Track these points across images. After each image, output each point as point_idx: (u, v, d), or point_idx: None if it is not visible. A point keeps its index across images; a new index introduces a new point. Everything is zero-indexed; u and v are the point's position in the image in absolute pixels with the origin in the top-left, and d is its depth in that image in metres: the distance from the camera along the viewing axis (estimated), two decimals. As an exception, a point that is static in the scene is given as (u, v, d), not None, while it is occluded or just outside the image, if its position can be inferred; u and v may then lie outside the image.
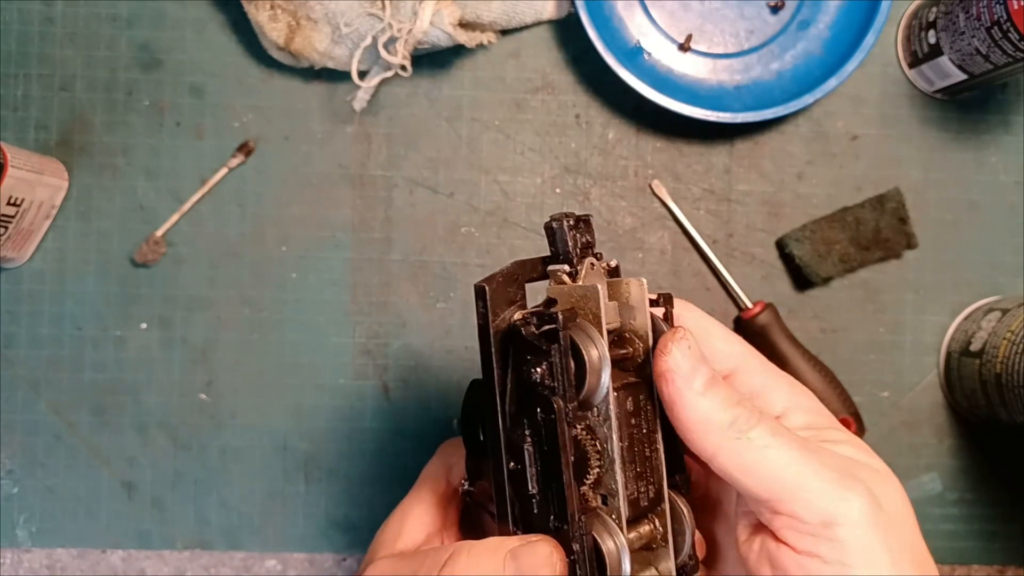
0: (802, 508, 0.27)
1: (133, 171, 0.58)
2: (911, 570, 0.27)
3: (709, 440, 0.28)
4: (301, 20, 0.55)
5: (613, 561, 0.28)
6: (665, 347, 0.29)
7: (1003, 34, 0.50)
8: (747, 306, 0.58)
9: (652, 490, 0.30)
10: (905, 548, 0.27)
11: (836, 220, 0.58)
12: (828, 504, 0.27)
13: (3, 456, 0.57)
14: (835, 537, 0.26)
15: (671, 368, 0.28)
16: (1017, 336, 0.52)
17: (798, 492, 0.27)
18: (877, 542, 0.26)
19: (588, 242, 0.31)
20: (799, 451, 0.27)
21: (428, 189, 0.59)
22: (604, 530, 0.29)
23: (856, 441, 0.30)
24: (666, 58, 0.59)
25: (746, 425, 0.28)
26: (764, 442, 0.27)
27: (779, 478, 0.27)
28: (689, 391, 0.28)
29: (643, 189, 0.59)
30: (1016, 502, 0.59)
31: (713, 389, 0.28)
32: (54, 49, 0.58)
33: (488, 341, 0.29)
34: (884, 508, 0.27)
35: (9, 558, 0.58)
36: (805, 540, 0.27)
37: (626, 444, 0.30)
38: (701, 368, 0.28)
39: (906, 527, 0.28)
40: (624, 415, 0.29)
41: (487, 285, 0.29)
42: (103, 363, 0.58)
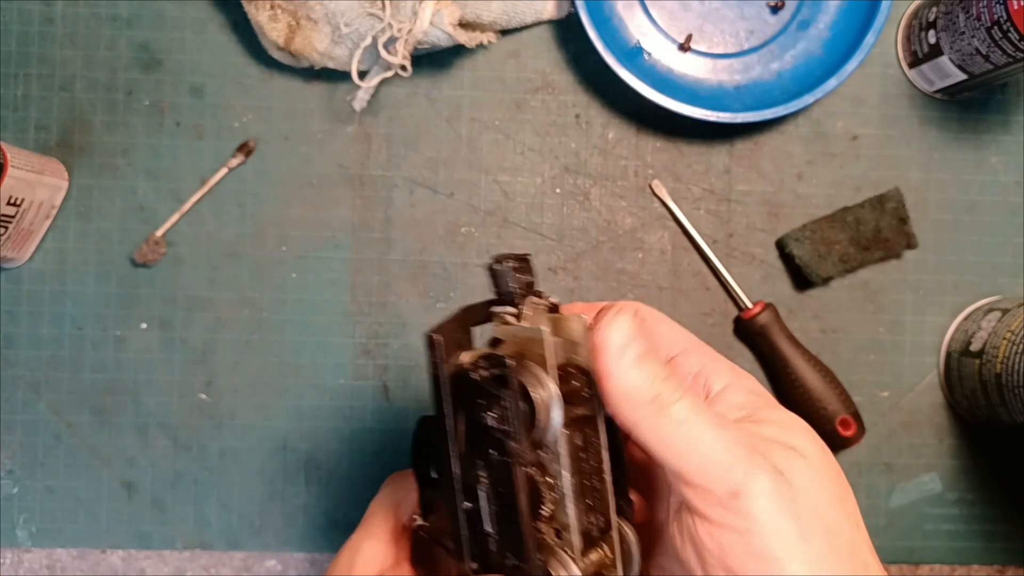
0: (711, 479, 0.28)
1: (133, 171, 0.58)
2: (823, 543, 0.28)
3: (633, 413, 0.29)
4: (301, 20, 0.55)
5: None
6: (598, 321, 0.30)
7: (1003, 34, 0.50)
8: (747, 306, 0.58)
9: (602, 520, 0.31)
10: (817, 522, 0.28)
11: (836, 220, 0.58)
12: (735, 476, 0.28)
13: (3, 456, 0.57)
14: (741, 508, 0.28)
15: (603, 341, 0.30)
16: (1017, 336, 0.52)
17: (708, 464, 0.28)
18: (783, 513, 0.28)
19: (529, 282, 0.32)
20: (714, 427, 0.29)
21: (428, 189, 0.59)
22: (559, 564, 0.30)
23: (790, 421, 0.32)
24: (666, 58, 0.59)
25: (668, 400, 0.29)
26: (682, 416, 0.29)
27: (692, 450, 0.29)
28: (618, 363, 0.29)
29: (643, 189, 0.59)
30: (1016, 502, 0.59)
31: (643, 364, 0.29)
32: (54, 49, 0.58)
33: (439, 389, 0.30)
34: (794, 483, 0.28)
35: (9, 558, 0.58)
36: (715, 510, 0.28)
37: (576, 479, 0.31)
38: (635, 343, 0.30)
39: (820, 503, 0.29)
40: (574, 450, 0.30)
41: (439, 335, 0.30)
42: (103, 363, 0.58)
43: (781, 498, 0.28)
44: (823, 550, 0.28)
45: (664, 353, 0.34)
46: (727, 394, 0.33)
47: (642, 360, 0.30)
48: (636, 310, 0.34)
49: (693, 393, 0.30)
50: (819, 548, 0.28)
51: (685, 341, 0.34)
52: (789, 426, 0.31)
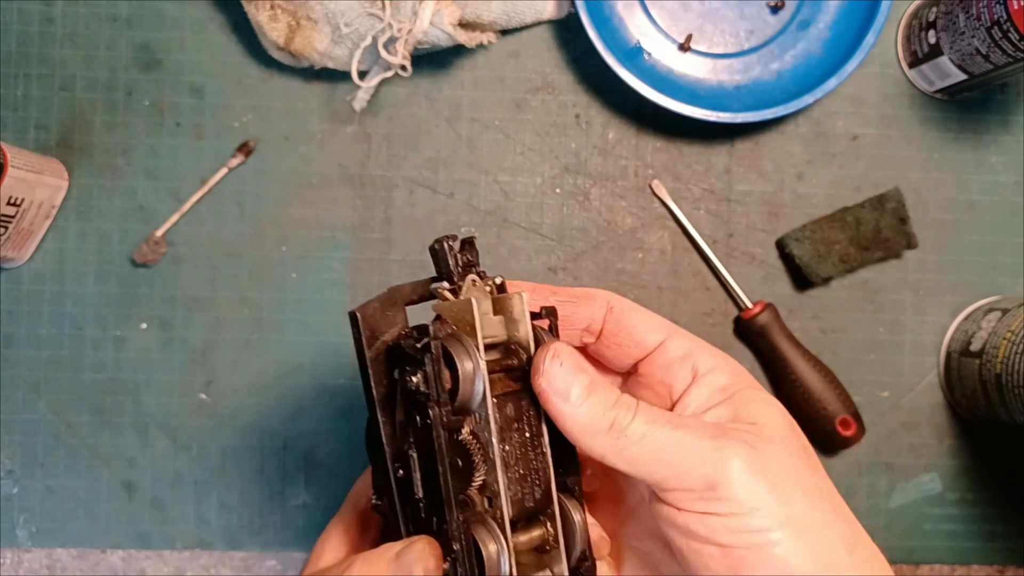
0: (687, 480, 0.30)
1: (133, 171, 0.58)
2: (803, 503, 0.30)
3: (596, 444, 0.31)
4: (301, 20, 0.55)
5: (492, 561, 0.30)
6: (538, 366, 0.31)
7: (1003, 34, 0.50)
8: (747, 306, 0.58)
9: (539, 492, 0.32)
10: (794, 485, 0.30)
11: (836, 220, 0.58)
12: (706, 469, 0.30)
13: (3, 456, 0.57)
14: (721, 496, 0.29)
15: (545, 387, 0.31)
16: (1017, 336, 0.52)
17: (678, 467, 0.30)
18: (760, 486, 0.30)
19: (470, 261, 0.33)
20: (672, 430, 0.30)
21: (428, 189, 0.59)
22: (486, 531, 0.31)
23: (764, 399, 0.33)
24: (666, 58, 0.59)
25: (623, 422, 0.30)
26: (641, 432, 0.30)
27: (660, 460, 0.30)
28: (567, 404, 0.31)
29: (643, 189, 0.59)
30: (1016, 502, 0.59)
31: (591, 397, 0.31)
32: (54, 49, 0.58)
33: (364, 362, 0.32)
34: (765, 454, 0.30)
35: (9, 558, 0.58)
36: (699, 504, 0.30)
37: (508, 448, 0.31)
38: (576, 378, 0.31)
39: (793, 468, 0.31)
40: (505, 420, 0.31)
41: (359, 312, 0.32)
42: (103, 363, 0.58)
43: (755, 473, 0.30)
44: (804, 508, 0.30)
45: (650, 340, 0.35)
46: (713, 376, 0.34)
47: (588, 394, 0.31)
48: (609, 300, 0.36)
49: (645, 406, 0.31)
50: (800, 508, 0.30)
51: (667, 328, 0.36)
52: (763, 402, 0.33)
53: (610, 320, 0.36)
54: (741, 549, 0.29)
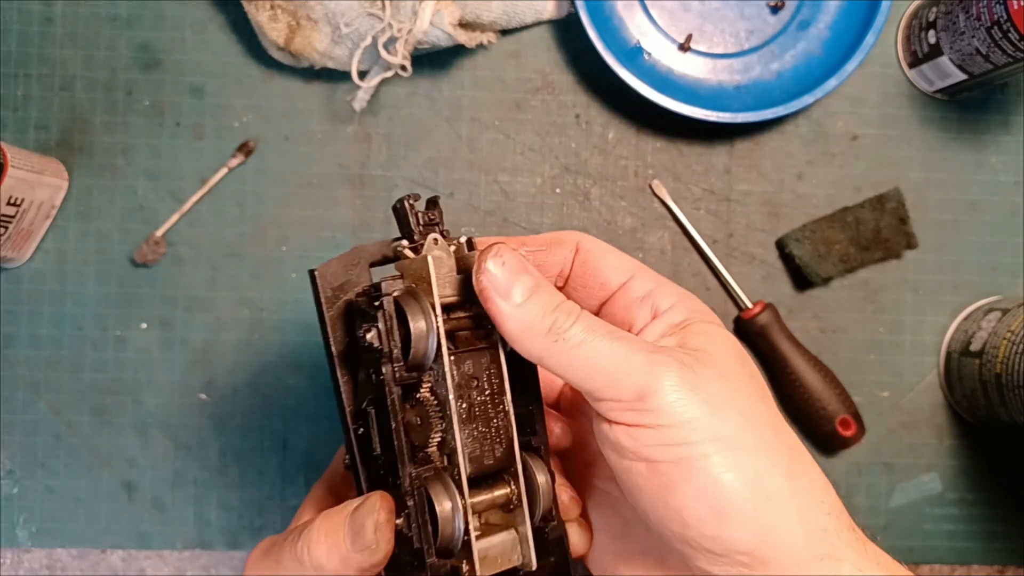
0: (617, 389, 0.29)
1: (133, 171, 0.58)
2: (737, 419, 0.29)
3: (534, 346, 0.30)
4: (301, 20, 0.55)
5: (446, 516, 0.30)
6: (480, 264, 0.31)
7: (1003, 34, 0.50)
8: (747, 306, 0.58)
9: (500, 450, 0.32)
10: (730, 403, 0.29)
11: (836, 220, 0.58)
12: (638, 379, 0.29)
13: (3, 456, 0.57)
14: (650, 406, 0.29)
15: (486, 285, 0.30)
16: (1017, 336, 0.52)
17: (612, 375, 0.29)
18: (691, 400, 0.29)
19: (431, 219, 0.33)
20: (610, 340, 0.30)
21: (428, 189, 0.59)
22: (442, 488, 0.30)
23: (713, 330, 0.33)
24: (666, 58, 0.59)
25: (563, 326, 0.30)
26: (579, 338, 0.30)
27: (595, 367, 0.30)
28: (507, 303, 0.30)
29: (643, 189, 0.59)
30: (1016, 502, 0.59)
31: (532, 298, 0.30)
32: (54, 49, 0.58)
33: (324, 319, 0.33)
34: (701, 374, 0.29)
35: (9, 558, 0.58)
36: (628, 415, 0.29)
37: (467, 406, 0.31)
38: (520, 278, 0.30)
39: (730, 389, 0.30)
40: (464, 378, 0.31)
41: (319, 271, 0.32)
42: (103, 363, 0.58)
43: (688, 388, 0.29)
44: (738, 429, 0.29)
45: (615, 280, 0.35)
46: (671, 313, 0.34)
47: (530, 294, 0.30)
48: (578, 241, 0.36)
49: (586, 314, 0.31)
50: (734, 428, 0.29)
51: (633, 268, 0.35)
52: (714, 334, 0.32)
53: (577, 261, 0.36)
54: (667, 463, 0.29)
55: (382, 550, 0.30)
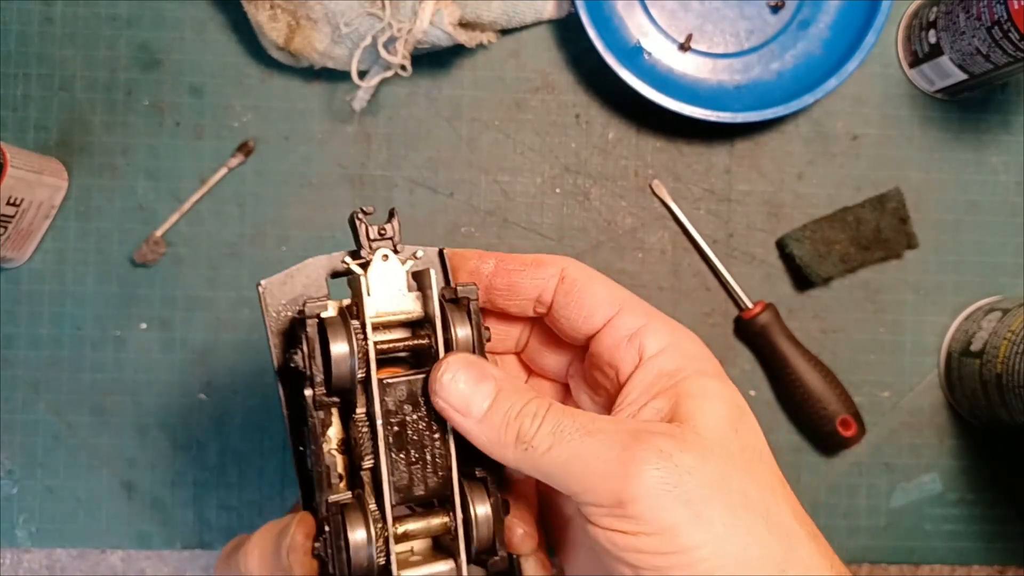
0: (594, 496, 0.27)
1: (133, 171, 0.58)
2: (724, 515, 0.27)
3: (507, 457, 0.29)
4: (301, 20, 0.55)
5: (358, 544, 0.29)
6: (433, 386, 0.30)
7: (1003, 34, 0.50)
8: (747, 306, 0.58)
9: (435, 480, 0.31)
10: (712, 495, 0.27)
11: (836, 220, 0.58)
12: (614, 484, 0.27)
13: (3, 456, 0.57)
14: (629, 513, 0.27)
15: (443, 407, 0.30)
16: (1017, 336, 0.52)
17: (586, 483, 0.27)
18: (672, 503, 0.27)
19: (383, 233, 0.32)
20: (581, 439, 0.28)
21: (428, 189, 0.59)
22: (359, 515, 0.30)
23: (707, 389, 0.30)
24: (666, 58, 0.59)
25: (528, 433, 0.28)
26: (547, 443, 0.28)
27: (568, 471, 0.28)
28: (468, 421, 0.29)
29: (643, 189, 0.59)
30: (1016, 503, 0.59)
31: (493, 409, 0.29)
32: (54, 49, 0.58)
33: (267, 333, 0.32)
34: (682, 465, 0.27)
35: (9, 558, 0.58)
36: (608, 521, 0.27)
37: (397, 431, 0.30)
38: (478, 390, 0.29)
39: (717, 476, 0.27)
40: (397, 403, 0.30)
41: (265, 283, 0.32)
42: (103, 363, 0.58)
43: (669, 488, 0.27)
44: (725, 528, 0.27)
45: (600, 315, 0.33)
46: (661, 358, 0.31)
47: (492, 406, 0.29)
48: (564, 268, 0.33)
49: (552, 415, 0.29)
50: (721, 527, 0.27)
51: (621, 300, 0.33)
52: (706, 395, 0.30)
53: (560, 291, 0.33)
54: (648, 572, 0.27)
55: (295, 573, 0.29)
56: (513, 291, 0.34)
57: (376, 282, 0.32)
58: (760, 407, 0.59)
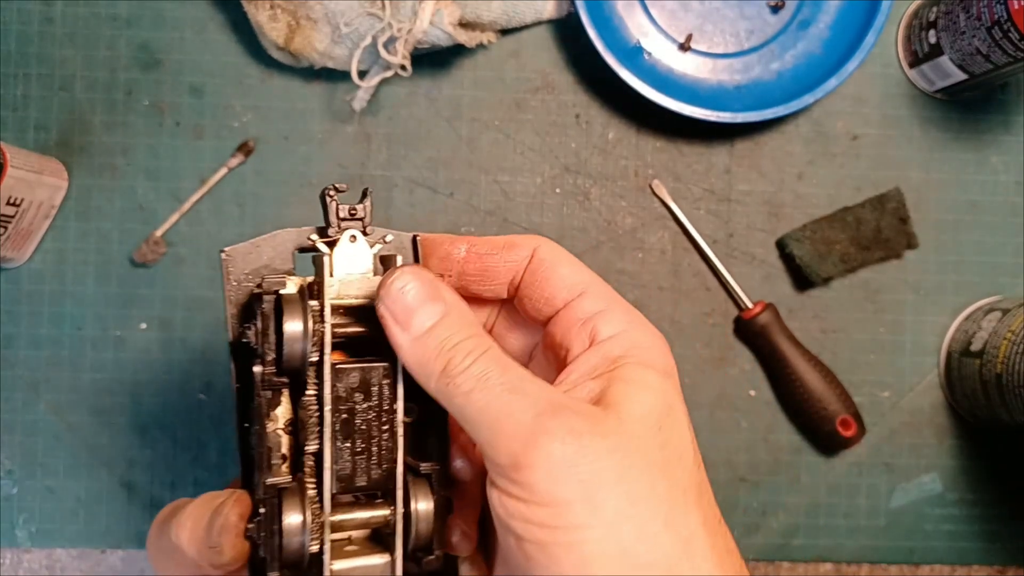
0: (494, 452, 0.27)
1: (133, 171, 0.58)
2: (620, 504, 0.26)
3: (429, 385, 0.28)
4: (301, 20, 0.55)
5: (291, 530, 0.28)
6: (383, 287, 0.29)
7: (1003, 34, 0.50)
8: (747, 306, 0.58)
9: (379, 471, 0.30)
10: (612, 482, 0.26)
11: (836, 220, 0.58)
12: (515, 446, 0.26)
13: (3, 456, 0.57)
14: (522, 479, 0.26)
15: (383, 312, 0.28)
16: (1018, 336, 0.52)
17: (493, 434, 0.27)
18: (568, 478, 0.26)
19: (353, 213, 0.31)
20: (501, 393, 0.27)
21: (428, 189, 0.59)
22: (296, 500, 0.29)
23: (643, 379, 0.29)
24: (666, 58, 0.59)
25: (456, 369, 0.27)
26: (469, 386, 0.27)
27: (479, 422, 0.27)
28: (405, 334, 0.28)
29: (643, 189, 0.59)
30: (1016, 503, 0.59)
31: (432, 331, 0.28)
32: (53, 49, 0.58)
33: (225, 303, 0.31)
34: (590, 447, 0.26)
35: (9, 558, 0.58)
36: (503, 482, 0.27)
37: (345, 418, 0.30)
38: (424, 308, 0.28)
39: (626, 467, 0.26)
40: (348, 389, 0.30)
41: (229, 251, 0.31)
42: (103, 363, 0.58)
43: (568, 465, 0.26)
44: (617, 515, 0.26)
45: (560, 297, 0.32)
46: (610, 344, 0.30)
47: (433, 328, 0.28)
48: (536, 248, 0.33)
49: (486, 358, 0.28)
50: (612, 513, 0.26)
51: (586, 284, 0.32)
52: (641, 384, 0.29)
53: (528, 271, 0.33)
54: (531, 544, 0.26)
55: (226, 553, 0.28)
56: (486, 276, 0.33)
57: (341, 263, 0.31)
58: (760, 407, 0.59)
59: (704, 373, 0.59)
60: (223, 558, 0.28)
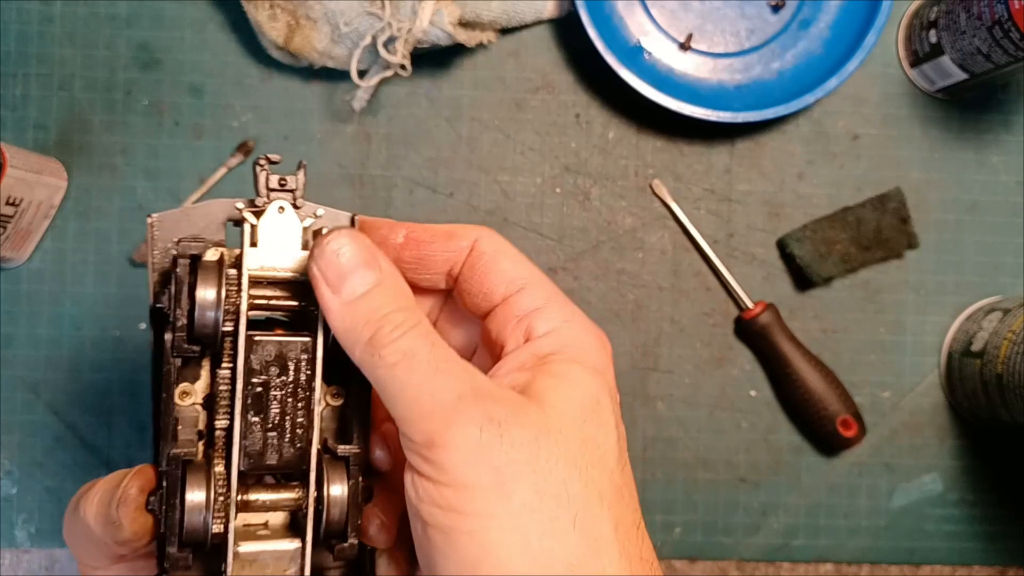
0: (410, 428, 0.26)
1: (132, 171, 0.58)
2: (528, 495, 0.25)
3: (355, 352, 0.27)
4: (300, 19, 0.55)
5: (192, 507, 0.27)
6: (317, 247, 0.28)
7: (1004, 33, 0.50)
8: (748, 306, 0.58)
9: (292, 451, 0.29)
10: (525, 473, 0.26)
11: (837, 220, 0.58)
12: (432, 424, 0.26)
13: (3, 456, 0.57)
14: (436, 458, 0.25)
15: (315, 273, 0.27)
16: (1018, 336, 0.52)
17: (411, 410, 0.26)
18: (479, 463, 0.25)
19: (283, 184, 0.31)
20: (425, 370, 0.26)
21: (428, 189, 0.59)
22: (202, 476, 0.28)
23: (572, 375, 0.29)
24: (666, 57, 0.59)
25: (383, 340, 0.27)
26: (394, 359, 0.26)
27: (399, 397, 0.26)
28: (335, 298, 0.27)
29: (643, 189, 0.59)
30: (1017, 503, 0.59)
31: (364, 298, 0.27)
32: (53, 49, 0.58)
33: (150, 269, 0.30)
34: (509, 435, 0.26)
35: (9, 558, 0.58)
36: (415, 459, 0.26)
37: (260, 392, 0.29)
38: (358, 273, 0.27)
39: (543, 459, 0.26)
40: (263, 364, 0.29)
41: (156, 217, 0.30)
42: (102, 363, 0.58)
43: (481, 450, 0.25)
44: (523, 508, 0.25)
45: (499, 292, 0.31)
46: (544, 340, 0.30)
47: (365, 295, 0.27)
48: (477, 239, 0.32)
49: (413, 334, 0.27)
50: (519, 505, 0.25)
51: (526, 279, 0.31)
52: (569, 379, 0.28)
53: (467, 264, 0.32)
54: (435, 530, 0.25)
55: (126, 528, 0.27)
56: (423, 264, 0.32)
57: (267, 234, 0.30)
58: (760, 407, 0.59)
59: (704, 373, 0.59)
60: (123, 533, 0.28)
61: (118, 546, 0.28)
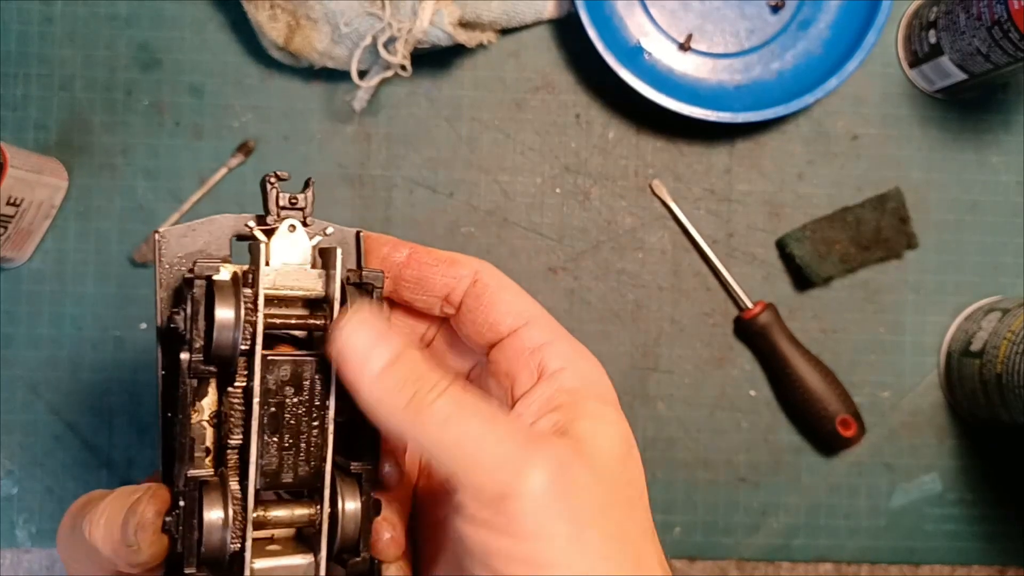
0: (476, 482, 0.26)
1: (132, 171, 0.58)
2: (598, 543, 0.25)
3: (392, 421, 0.27)
4: (301, 19, 0.55)
5: (211, 526, 0.28)
6: (336, 327, 0.28)
7: (1004, 34, 0.50)
8: (747, 306, 0.58)
9: (307, 469, 0.29)
10: (595, 518, 0.26)
11: (837, 220, 0.58)
12: (503, 476, 0.25)
13: (3, 456, 0.57)
14: (510, 511, 0.25)
15: (340, 351, 0.28)
16: (1018, 336, 0.52)
17: (476, 464, 0.26)
18: (557, 513, 0.25)
19: (294, 202, 0.31)
20: (483, 421, 0.26)
21: (428, 189, 0.59)
22: (218, 495, 0.28)
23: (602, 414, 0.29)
24: (666, 58, 0.59)
25: (427, 399, 0.27)
26: (445, 414, 0.26)
27: (459, 450, 0.26)
28: (363, 374, 0.27)
29: (643, 189, 0.59)
30: (1016, 502, 0.59)
31: (392, 368, 0.27)
32: (53, 49, 0.58)
33: (156, 286, 0.30)
34: (575, 480, 0.26)
35: (9, 558, 0.58)
36: (485, 514, 0.26)
37: (274, 411, 0.29)
38: (379, 347, 0.27)
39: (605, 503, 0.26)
40: (279, 383, 0.29)
41: (163, 232, 0.30)
42: (102, 363, 0.58)
43: (557, 496, 0.25)
44: (601, 555, 0.25)
45: (505, 324, 0.32)
46: (561, 376, 0.30)
47: (390, 366, 0.27)
48: (477, 271, 0.32)
49: (457, 387, 0.27)
50: (596, 553, 0.25)
51: (529, 313, 0.32)
52: (602, 420, 0.29)
53: (471, 294, 0.32)
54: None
55: (144, 552, 0.27)
56: (422, 285, 0.32)
57: (278, 253, 0.30)
58: (760, 407, 0.59)
59: (704, 373, 0.59)
60: (141, 556, 0.27)
61: (131, 568, 0.28)
